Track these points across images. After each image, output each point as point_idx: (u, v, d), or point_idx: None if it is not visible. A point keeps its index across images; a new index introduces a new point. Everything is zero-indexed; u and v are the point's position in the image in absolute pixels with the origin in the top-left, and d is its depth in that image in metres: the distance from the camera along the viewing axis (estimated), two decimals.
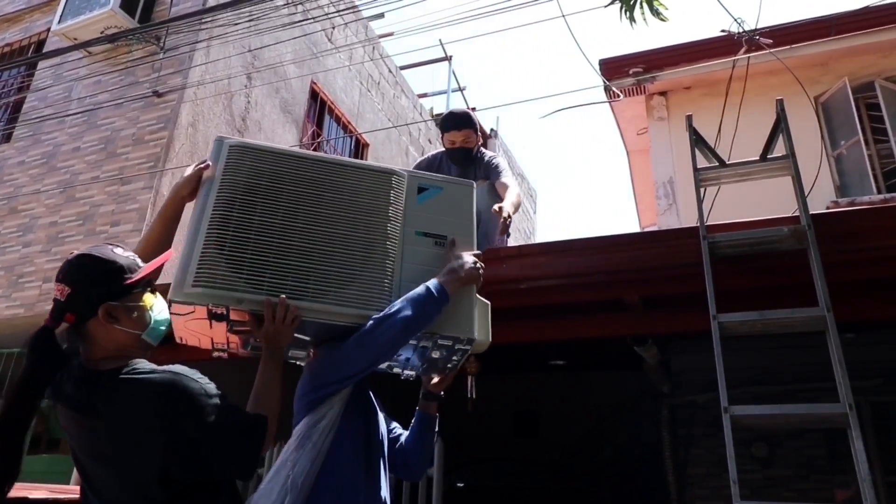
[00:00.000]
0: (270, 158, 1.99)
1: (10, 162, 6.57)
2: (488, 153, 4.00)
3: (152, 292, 1.62)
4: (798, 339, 3.75)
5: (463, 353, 2.04)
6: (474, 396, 3.57)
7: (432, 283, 1.91)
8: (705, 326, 2.59)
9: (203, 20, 5.86)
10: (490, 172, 3.86)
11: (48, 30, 6.97)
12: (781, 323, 2.49)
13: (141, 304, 1.57)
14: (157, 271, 1.63)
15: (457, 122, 3.75)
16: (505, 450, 7.57)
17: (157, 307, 1.62)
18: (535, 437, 7.69)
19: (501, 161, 3.98)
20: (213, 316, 1.77)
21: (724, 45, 5.56)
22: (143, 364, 1.50)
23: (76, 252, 1.57)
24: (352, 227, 1.97)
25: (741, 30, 4.20)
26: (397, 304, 1.86)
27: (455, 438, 4.56)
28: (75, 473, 4.75)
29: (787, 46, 5.13)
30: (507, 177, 3.80)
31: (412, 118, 10.36)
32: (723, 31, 4.54)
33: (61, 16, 6.41)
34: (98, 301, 1.49)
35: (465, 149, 3.75)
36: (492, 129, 12.47)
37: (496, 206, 3.15)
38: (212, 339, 1.91)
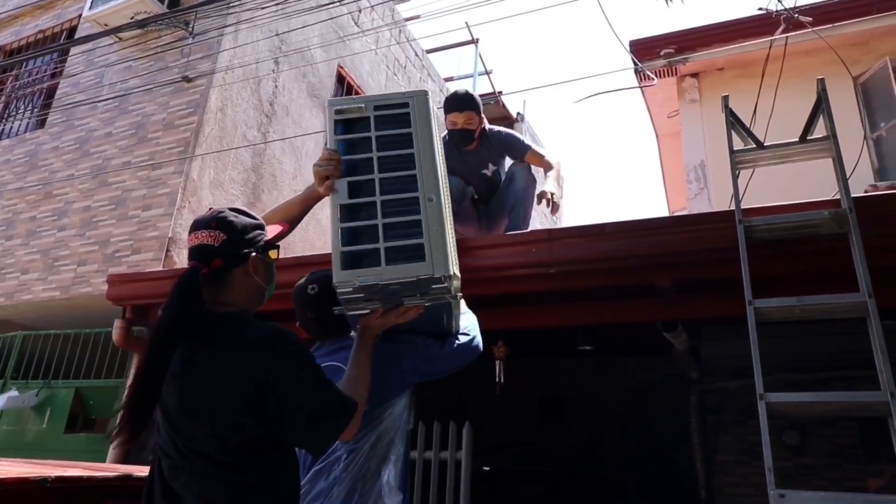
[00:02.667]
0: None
1: (44, 147, 6.70)
2: (496, 128, 3.84)
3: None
4: (829, 327, 3.67)
5: None
6: (502, 381, 3.57)
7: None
8: (739, 312, 2.53)
9: (231, 4, 5.88)
10: (511, 150, 3.78)
11: (80, 16, 7.04)
12: (820, 309, 2.42)
13: (270, 260, 1.68)
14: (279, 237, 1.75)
15: (459, 103, 3.63)
16: (531, 434, 7.58)
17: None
18: (562, 422, 7.68)
19: (516, 133, 3.92)
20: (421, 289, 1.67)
21: (758, 25, 5.41)
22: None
23: (220, 207, 1.66)
24: None
25: (781, 7, 4.08)
26: (475, 331, 2.05)
27: (482, 422, 4.57)
28: (111, 452, 4.84)
29: (827, 25, 4.97)
30: (535, 146, 3.76)
31: (438, 102, 10.30)
32: (760, 8, 4.41)
33: (92, 2, 6.47)
34: (248, 251, 1.60)
35: (466, 130, 3.64)
36: (518, 113, 12.36)
37: (543, 192, 3.15)
38: None
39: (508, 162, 3.89)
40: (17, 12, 7.99)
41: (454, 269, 1.64)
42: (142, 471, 2.54)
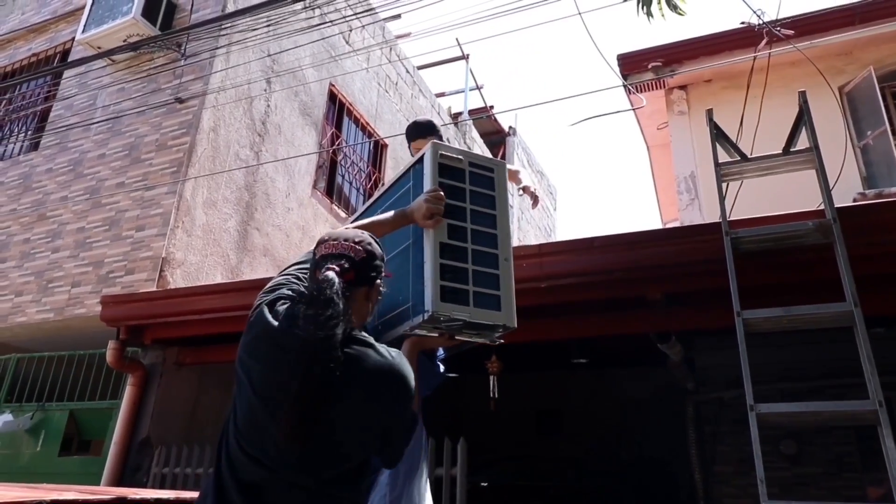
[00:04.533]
0: None
1: (38, 170, 6.71)
2: None
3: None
4: (825, 334, 3.70)
5: None
6: (497, 396, 3.58)
7: None
8: (729, 323, 2.56)
9: (223, 26, 5.92)
10: None
11: (73, 39, 7.08)
12: (808, 319, 2.45)
13: (381, 295, 1.72)
14: None
15: (422, 130, 3.70)
16: (528, 448, 7.56)
17: None
18: (559, 436, 7.67)
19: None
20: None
21: (744, 37, 5.47)
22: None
23: (357, 229, 1.74)
24: None
25: (761, 22, 4.13)
26: None
27: (479, 438, 4.56)
28: (106, 474, 4.79)
29: (809, 38, 5.03)
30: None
31: (430, 118, 10.36)
32: (742, 23, 4.47)
33: (85, 25, 6.51)
34: (376, 277, 1.66)
35: None
36: (510, 127, 12.44)
37: (526, 186, 3.20)
38: None
39: None
40: (11, 36, 8.03)
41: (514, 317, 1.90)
42: (136, 493, 2.53)
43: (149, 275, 5.32)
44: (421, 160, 2.06)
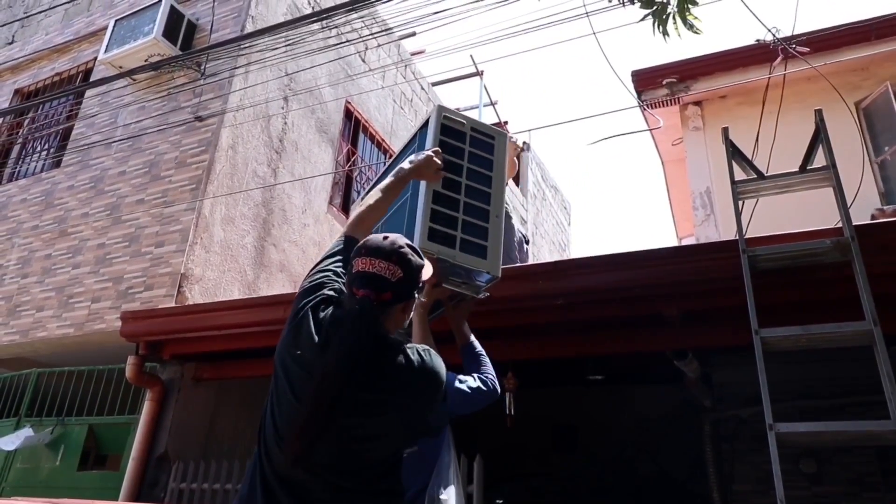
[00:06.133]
0: None
1: (60, 186, 6.83)
2: None
3: None
4: (845, 352, 3.66)
5: None
6: (513, 413, 3.58)
7: None
8: (747, 340, 2.55)
9: (242, 46, 6.03)
10: None
11: (95, 59, 7.23)
12: (826, 338, 2.44)
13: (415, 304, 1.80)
14: None
15: None
16: (543, 465, 7.50)
17: None
18: (575, 453, 7.60)
19: None
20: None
21: (759, 53, 5.47)
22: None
23: (397, 238, 1.65)
24: None
25: (776, 40, 4.14)
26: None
27: (494, 454, 4.54)
28: (124, 490, 4.82)
29: (824, 56, 5.02)
30: None
31: None
32: (757, 40, 4.48)
33: (107, 45, 6.65)
34: (414, 292, 1.66)
35: None
36: (524, 142, 12.48)
37: None
38: None
39: None
40: (35, 56, 8.22)
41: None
42: None
43: (167, 290, 5.38)
44: (427, 123, 2.23)
